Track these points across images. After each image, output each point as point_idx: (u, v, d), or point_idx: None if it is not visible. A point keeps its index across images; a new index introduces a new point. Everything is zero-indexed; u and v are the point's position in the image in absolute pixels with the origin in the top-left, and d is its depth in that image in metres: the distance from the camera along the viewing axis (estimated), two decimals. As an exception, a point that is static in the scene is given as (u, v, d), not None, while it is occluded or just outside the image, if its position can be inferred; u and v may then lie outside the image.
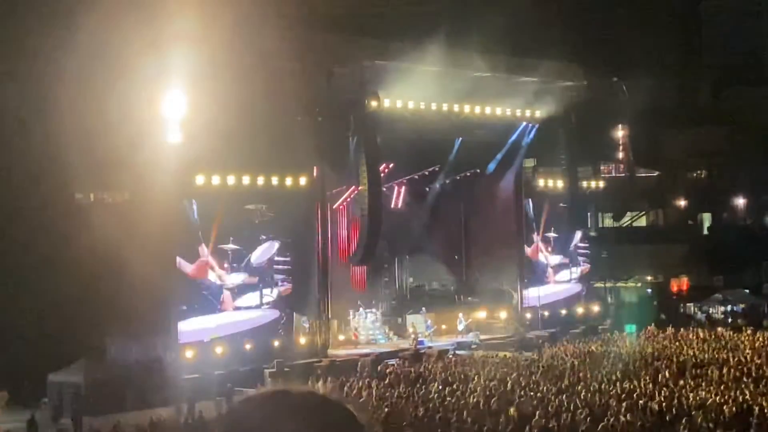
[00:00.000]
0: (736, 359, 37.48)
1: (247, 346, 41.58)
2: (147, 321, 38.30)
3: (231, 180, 41.84)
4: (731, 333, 46.99)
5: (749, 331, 46.64)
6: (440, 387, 32.69)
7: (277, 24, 37.54)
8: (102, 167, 38.28)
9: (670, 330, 48.60)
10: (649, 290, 64.32)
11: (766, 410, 26.44)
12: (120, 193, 40.93)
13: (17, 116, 37.96)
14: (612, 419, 25.41)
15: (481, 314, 52.04)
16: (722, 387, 30.91)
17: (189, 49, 36.39)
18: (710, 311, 58.86)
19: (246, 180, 42.40)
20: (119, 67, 36.32)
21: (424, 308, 50.08)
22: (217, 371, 38.55)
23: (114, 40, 35.66)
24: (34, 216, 38.45)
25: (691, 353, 39.92)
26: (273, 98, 39.48)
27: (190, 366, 38.75)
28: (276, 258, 43.66)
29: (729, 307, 58.56)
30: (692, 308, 59.76)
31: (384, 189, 48.18)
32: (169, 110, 38.98)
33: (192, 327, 40.34)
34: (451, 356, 43.99)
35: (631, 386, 31.35)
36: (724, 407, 26.78)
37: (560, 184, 55.34)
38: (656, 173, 69.14)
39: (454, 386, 32.70)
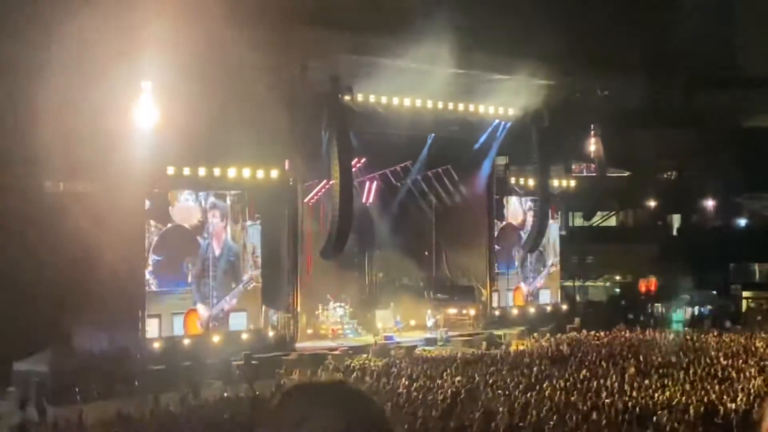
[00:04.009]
0: (702, 360, 37.74)
1: (215, 339, 41.48)
2: (114, 312, 38.13)
3: (202, 171, 41.74)
4: (698, 334, 47.30)
5: (715, 333, 46.98)
6: (407, 383, 32.70)
7: (251, 16, 37.35)
8: (72, 156, 37.98)
9: (637, 330, 48.90)
10: (618, 290, 64.67)
11: (730, 410, 26.63)
12: (90, 182, 40.66)
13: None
14: (578, 417, 25.51)
15: (451, 310, 52.16)
16: (688, 387, 31.13)
17: (162, 40, 36.15)
18: (678, 312, 59.20)
19: (217, 172, 42.31)
20: (93, 55, 36.04)
21: (392, 303, 50.10)
22: (185, 363, 38.41)
23: (88, 31, 35.38)
24: (2, 203, 38.10)
25: (658, 353, 40.15)
26: (246, 90, 39.33)
27: (156, 357, 38.61)
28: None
29: (696, 309, 58.96)
30: (660, 308, 60.09)
31: (355, 183, 48.16)
32: (141, 100, 38.78)
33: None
34: (418, 352, 44.04)
35: (597, 385, 31.51)
36: (690, 407, 26.96)
37: (532, 182, 55.51)
38: (627, 173, 69.43)
39: (422, 382, 32.74)
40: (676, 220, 75.33)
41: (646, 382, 32.55)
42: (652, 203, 73.05)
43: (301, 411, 2.26)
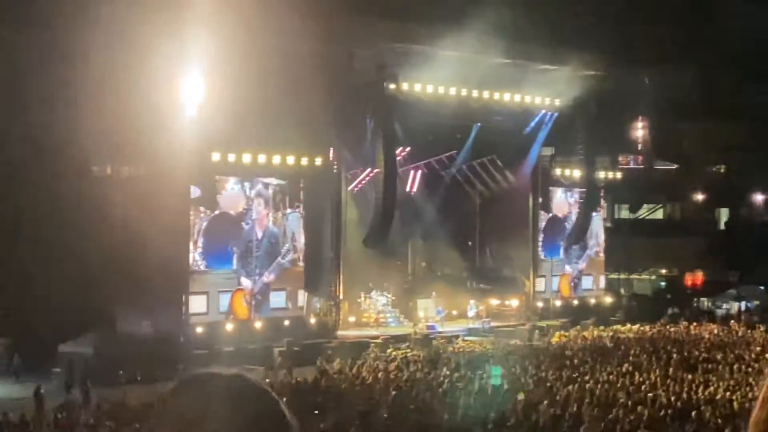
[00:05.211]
0: (747, 355, 37.33)
1: (257, 324, 41.68)
2: (159, 295, 38.45)
3: (247, 158, 41.88)
4: (744, 329, 46.78)
5: (762, 328, 46.43)
6: (448, 372, 32.67)
7: (298, 4, 37.42)
8: (120, 141, 38.39)
9: (682, 324, 48.48)
10: (663, 283, 64.10)
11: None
12: (137, 167, 41.03)
13: (41, 90, 37.95)
14: (620, 411, 25.33)
15: (493, 301, 51.99)
16: (732, 382, 30.80)
17: (209, 27, 36.37)
18: (724, 307, 58.60)
19: (262, 159, 42.44)
20: (140, 43, 36.34)
21: (434, 293, 50.02)
22: (227, 348, 38.62)
23: (135, 17, 35.72)
24: (52, 187, 38.57)
25: (703, 348, 39.77)
26: (292, 78, 39.39)
27: (199, 341, 38.88)
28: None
29: (743, 303, 58.30)
30: (706, 303, 59.51)
31: (400, 172, 48.10)
32: (188, 87, 39.03)
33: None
34: (461, 342, 43.96)
35: (641, 379, 31.26)
36: (733, 403, 26.68)
37: (577, 173, 55.09)
38: (674, 166, 68.78)
39: (462, 372, 32.69)
40: (723, 214, 74.59)
41: (690, 376, 32.26)
42: (700, 197, 72.35)
43: (193, 402, 2.20)
